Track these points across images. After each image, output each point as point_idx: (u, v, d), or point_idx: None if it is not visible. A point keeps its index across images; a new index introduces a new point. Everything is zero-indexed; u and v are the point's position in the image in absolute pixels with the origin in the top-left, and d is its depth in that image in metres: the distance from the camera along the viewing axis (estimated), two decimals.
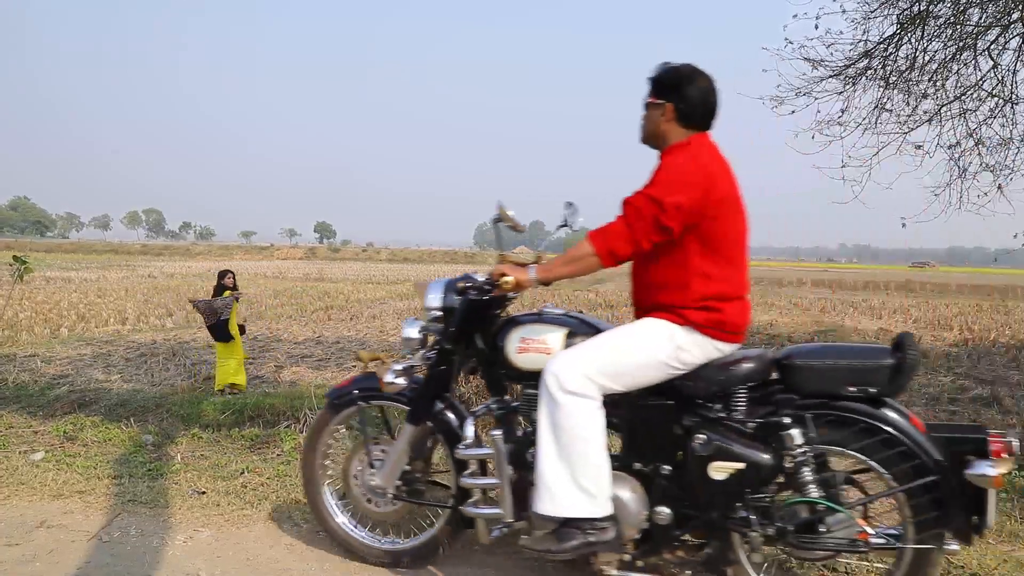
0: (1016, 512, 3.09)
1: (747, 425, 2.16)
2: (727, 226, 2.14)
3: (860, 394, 2.09)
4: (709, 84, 2.21)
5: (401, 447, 2.59)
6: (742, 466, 2.09)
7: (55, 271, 25.97)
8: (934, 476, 2.01)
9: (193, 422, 4.70)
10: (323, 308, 13.91)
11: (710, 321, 2.13)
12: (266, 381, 6.52)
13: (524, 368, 2.31)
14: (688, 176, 2.06)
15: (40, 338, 8.95)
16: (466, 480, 2.47)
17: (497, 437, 2.36)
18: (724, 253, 2.15)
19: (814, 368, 2.12)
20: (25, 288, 14.75)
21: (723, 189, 2.11)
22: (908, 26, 6.03)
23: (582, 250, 2.11)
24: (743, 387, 2.19)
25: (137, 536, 2.91)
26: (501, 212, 2.42)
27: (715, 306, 2.13)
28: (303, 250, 73.43)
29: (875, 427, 2.07)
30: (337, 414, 2.74)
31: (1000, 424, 5.11)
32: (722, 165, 2.18)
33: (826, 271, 58.78)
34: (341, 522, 2.78)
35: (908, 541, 2.09)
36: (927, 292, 27.44)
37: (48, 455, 3.93)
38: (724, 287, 2.15)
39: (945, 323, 13.35)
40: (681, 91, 2.18)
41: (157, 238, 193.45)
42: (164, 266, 36.09)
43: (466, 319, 2.41)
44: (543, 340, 2.28)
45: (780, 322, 12.63)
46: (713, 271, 2.13)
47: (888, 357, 2.07)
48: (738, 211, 2.19)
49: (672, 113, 2.19)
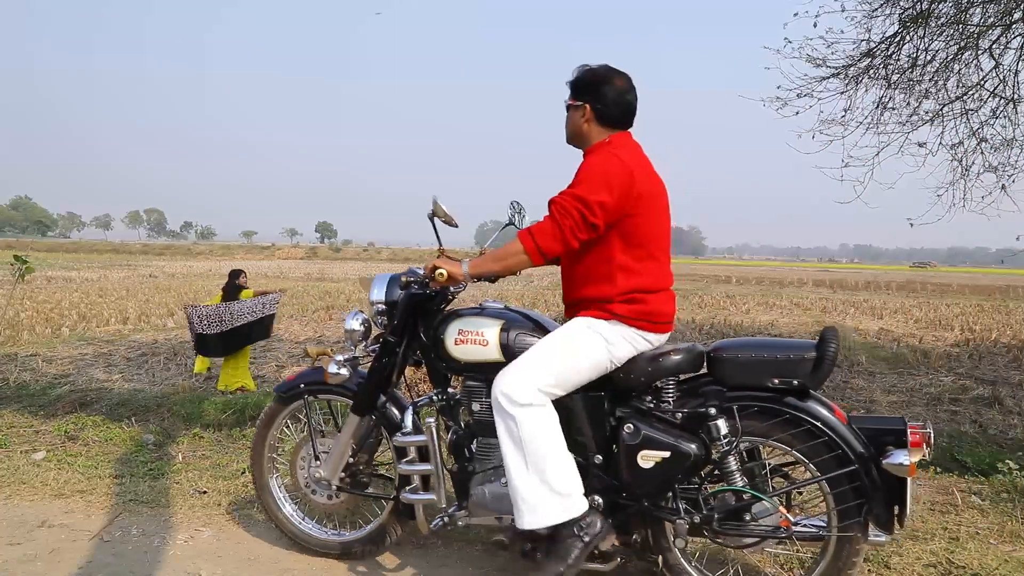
0: (1017, 512, 3.09)
1: (676, 416, 2.23)
2: (648, 222, 2.20)
3: (784, 386, 2.15)
4: (625, 84, 2.26)
5: (345, 439, 2.64)
6: (668, 455, 2.16)
7: (56, 271, 25.99)
8: (855, 466, 2.08)
9: (194, 422, 4.70)
10: (324, 308, 13.91)
11: (635, 313, 2.20)
12: (267, 381, 6.53)
13: (462, 359, 2.38)
14: (610, 175, 2.12)
15: (41, 338, 8.95)
16: (403, 467, 2.52)
17: (431, 424, 2.43)
18: (646, 247, 2.21)
19: (739, 361, 2.19)
20: (26, 288, 14.77)
21: (643, 186, 2.17)
22: (910, 25, 6.02)
23: (513, 248, 2.18)
24: (672, 379, 2.27)
25: (138, 535, 2.91)
26: (436, 208, 2.47)
27: (639, 298, 2.20)
28: (304, 249, 73.50)
29: (798, 418, 2.14)
30: (285, 407, 2.81)
31: (1002, 424, 5.11)
32: (642, 163, 2.24)
33: (827, 271, 58.76)
34: (288, 513, 2.85)
35: (832, 530, 2.16)
36: (928, 292, 27.44)
37: (49, 454, 3.94)
38: (647, 280, 2.22)
39: (946, 323, 13.35)
40: (598, 92, 2.24)
41: (158, 238, 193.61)
42: (165, 266, 36.12)
43: (408, 312, 2.48)
44: (480, 332, 2.34)
45: (781, 322, 12.63)
46: (635, 265, 2.20)
47: (810, 351, 2.13)
48: (659, 207, 2.25)
49: (590, 113, 2.26)
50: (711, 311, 14.82)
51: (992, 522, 3.04)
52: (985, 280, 41.47)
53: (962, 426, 5.02)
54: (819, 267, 79.37)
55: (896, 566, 2.60)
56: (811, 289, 27.81)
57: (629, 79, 2.28)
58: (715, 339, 9.62)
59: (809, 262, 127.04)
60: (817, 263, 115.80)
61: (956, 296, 24.96)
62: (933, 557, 2.68)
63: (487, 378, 2.34)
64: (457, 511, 2.42)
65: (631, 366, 2.23)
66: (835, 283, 33.09)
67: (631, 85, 2.28)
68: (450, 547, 2.83)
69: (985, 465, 3.74)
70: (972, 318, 14.47)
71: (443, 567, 2.69)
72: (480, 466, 2.40)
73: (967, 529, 2.96)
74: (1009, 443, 4.49)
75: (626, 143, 2.27)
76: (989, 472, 3.65)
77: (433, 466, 2.45)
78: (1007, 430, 4.92)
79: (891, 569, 2.58)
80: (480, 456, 2.42)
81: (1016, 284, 33.33)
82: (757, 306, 16.79)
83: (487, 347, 2.32)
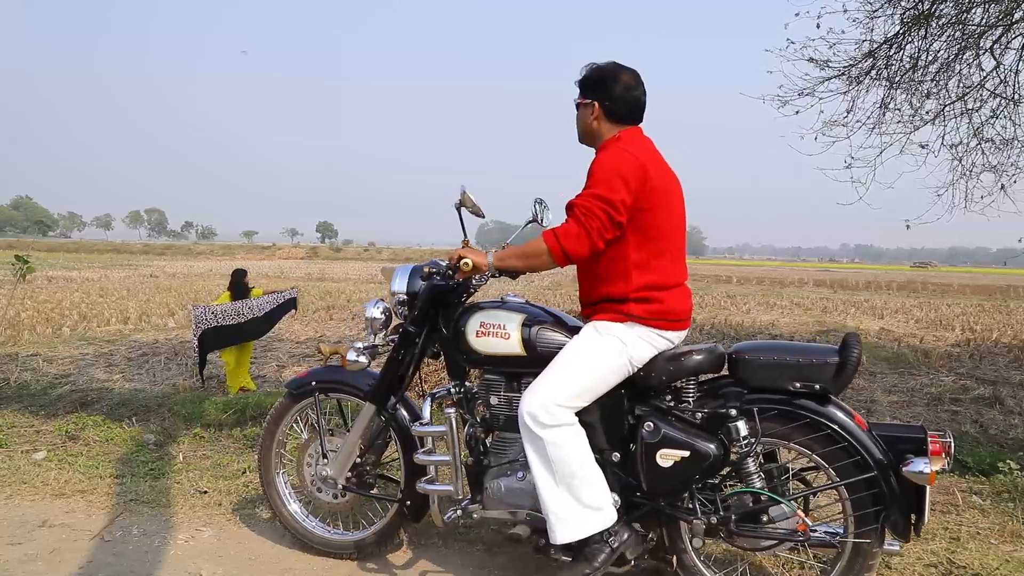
0: (1018, 512, 3.09)
1: (695, 416, 2.22)
2: (662, 216, 2.19)
3: (805, 390, 2.14)
4: (633, 80, 2.25)
5: (354, 438, 2.63)
6: (688, 454, 2.14)
7: (57, 270, 26.01)
8: (874, 472, 2.06)
9: (195, 422, 4.70)
10: (325, 307, 13.92)
11: (651, 312, 2.19)
12: (268, 381, 6.53)
13: (482, 352, 2.36)
14: (624, 170, 2.10)
15: (42, 337, 8.96)
16: (420, 457, 2.51)
17: (451, 415, 2.42)
18: (660, 243, 2.20)
19: (761, 363, 2.18)
20: (27, 287, 14.77)
21: (656, 180, 2.15)
22: (911, 26, 6.02)
23: (537, 248, 2.16)
24: (692, 379, 2.26)
25: (139, 535, 2.91)
26: (464, 197, 2.47)
27: (655, 296, 2.18)
28: (305, 249, 73.50)
29: (818, 422, 2.13)
30: (296, 404, 2.81)
31: (1003, 424, 5.11)
32: (653, 157, 2.23)
33: (828, 271, 58.74)
34: (293, 510, 2.85)
35: (848, 536, 2.14)
36: (929, 292, 27.44)
37: (50, 454, 3.94)
38: (661, 276, 2.21)
39: (947, 323, 13.34)
40: (606, 89, 2.24)
41: (159, 238, 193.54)
42: (166, 265, 36.14)
43: (429, 303, 2.46)
44: (502, 326, 2.33)
45: (782, 322, 12.62)
46: (650, 261, 2.19)
47: (833, 355, 2.12)
48: (672, 202, 2.24)
49: (599, 111, 2.26)
50: (712, 311, 14.82)
51: (993, 522, 3.04)
52: (986, 280, 41.43)
53: (963, 426, 5.02)
54: (820, 267, 79.28)
55: (897, 566, 2.59)
56: (812, 289, 27.82)
57: (637, 75, 2.27)
58: (716, 339, 9.64)
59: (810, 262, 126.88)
60: (818, 263, 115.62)
61: (957, 296, 24.95)
62: (934, 557, 2.68)
63: (505, 372, 2.37)
64: (471, 504, 2.42)
65: (651, 365, 2.22)
66: (836, 283, 33.09)
67: (639, 81, 2.27)
68: (451, 547, 2.83)
69: (986, 465, 3.74)
70: (973, 318, 14.46)
71: (444, 567, 2.69)
72: (496, 460, 2.40)
73: (968, 529, 2.96)
74: (1010, 443, 4.48)
75: (636, 138, 2.25)
76: (990, 472, 3.64)
77: (451, 457, 2.43)
78: (1008, 430, 4.91)
79: (892, 569, 2.58)
80: (496, 450, 2.41)
81: (1017, 284, 33.30)
82: (758, 306, 16.78)
83: (508, 340, 2.30)
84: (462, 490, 2.44)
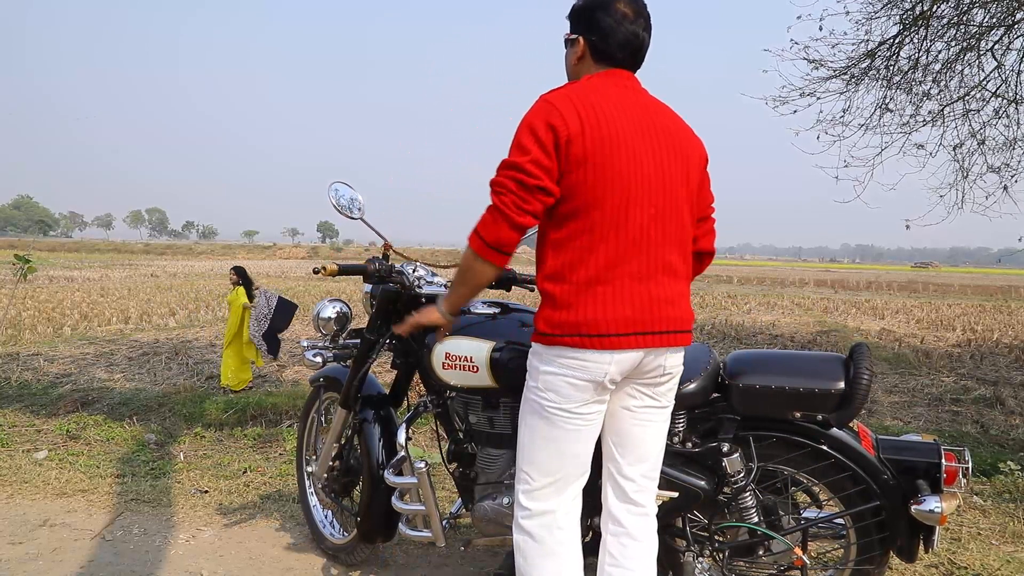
0: (1019, 513, 3.09)
1: (685, 445, 2.04)
2: (597, 180, 1.57)
3: (806, 420, 1.97)
4: (629, 11, 1.68)
5: (331, 441, 2.60)
6: (676, 494, 2.00)
7: (58, 270, 26.02)
8: (880, 501, 1.93)
9: (196, 421, 4.71)
10: None
11: (552, 323, 1.62)
12: (269, 380, 6.52)
13: (453, 383, 2.09)
14: (536, 123, 1.59)
15: (43, 337, 8.96)
16: (397, 504, 2.32)
17: (422, 470, 2.21)
18: (587, 217, 1.59)
19: (757, 392, 1.96)
20: (28, 287, 14.79)
21: (590, 138, 1.57)
22: (911, 26, 6.02)
23: (464, 254, 1.68)
24: (682, 412, 2.03)
25: (140, 535, 2.91)
26: (334, 198, 2.26)
27: (560, 293, 1.62)
28: (306, 249, 73.55)
29: (821, 451, 1.97)
30: (318, 396, 2.78)
31: (1003, 425, 5.10)
32: (604, 108, 1.61)
33: (829, 271, 58.71)
34: (312, 503, 2.83)
35: (849, 564, 2.05)
36: (930, 292, 27.41)
37: (51, 454, 3.94)
38: (575, 257, 1.61)
39: (948, 323, 13.32)
40: (593, 21, 1.69)
41: (160, 237, 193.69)
42: (167, 265, 36.15)
43: (385, 311, 2.32)
44: (468, 358, 2.01)
45: (782, 322, 12.61)
46: (566, 241, 1.62)
47: (839, 381, 1.91)
48: (626, 161, 1.59)
49: (584, 48, 1.71)
50: (712, 311, 14.80)
51: (994, 522, 3.04)
52: (987, 280, 41.42)
53: (964, 427, 5.01)
54: (821, 267, 79.30)
55: (897, 566, 2.59)
56: (813, 289, 27.78)
57: (638, 6, 1.70)
58: (716, 339, 9.60)
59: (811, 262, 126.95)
60: (819, 263, 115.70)
61: (958, 296, 24.92)
62: (935, 558, 2.67)
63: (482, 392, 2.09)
64: (461, 510, 2.33)
65: None
66: (837, 283, 33.05)
67: (639, 13, 1.69)
68: (451, 547, 2.83)
69: (987, 465, 3.74)
70: (974, 318, 14.45)
71: (443, 567, 2.69)
72: (483, 477, 2.18)
73: (969, 530, 2.96)
74: (1011, 443, 4.48)
75: (598, 83, 1.67)
76: (991, 472, 3.65)
77: (426, 506, 2.25)
78: (1009, 430, 4.91)
79: (892, 569, 2.58)
80: (482, 467, 2.19)
81: (1018, 284, 33.28)
82: (759, 306, 16.76)
83: (477, 373, 2.00)
84: (443, 538, 2.25)
